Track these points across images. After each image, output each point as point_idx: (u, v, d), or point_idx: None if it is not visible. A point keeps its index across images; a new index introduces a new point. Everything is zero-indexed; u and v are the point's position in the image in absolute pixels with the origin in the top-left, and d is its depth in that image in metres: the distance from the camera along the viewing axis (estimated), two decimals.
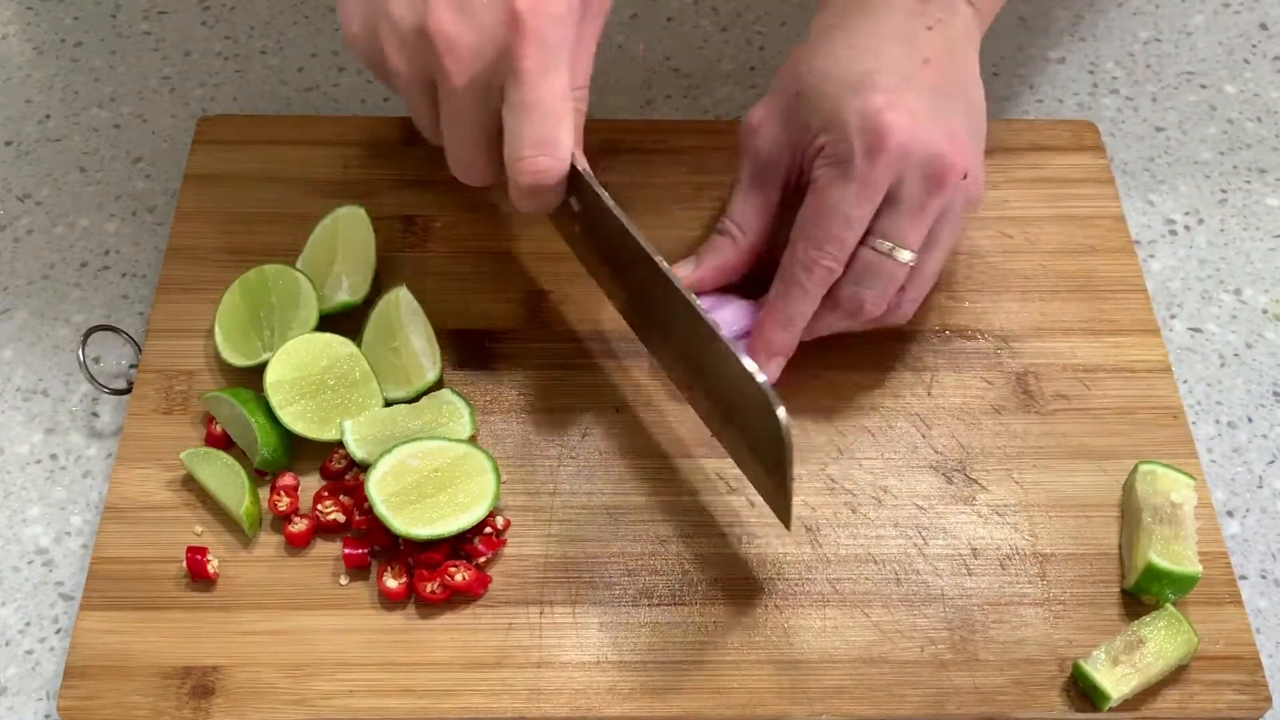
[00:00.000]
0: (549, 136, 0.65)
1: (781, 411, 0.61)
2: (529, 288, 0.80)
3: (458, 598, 0.69)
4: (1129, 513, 0.72)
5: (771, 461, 0.65)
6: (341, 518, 0.71)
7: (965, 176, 0.70)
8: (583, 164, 0.67)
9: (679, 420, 0.75)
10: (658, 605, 0.69)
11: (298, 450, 0.73)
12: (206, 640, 0.67)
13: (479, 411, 0.75)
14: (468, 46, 0.64)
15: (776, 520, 0.71)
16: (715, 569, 0.70)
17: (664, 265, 0.66)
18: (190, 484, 0.72)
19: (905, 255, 0.69)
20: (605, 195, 0.67)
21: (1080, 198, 0.85)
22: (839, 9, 0.74)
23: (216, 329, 0.76)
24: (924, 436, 0.75)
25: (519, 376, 0.77)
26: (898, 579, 0.70)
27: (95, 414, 0.78)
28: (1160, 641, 0.67)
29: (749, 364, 0.62)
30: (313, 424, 0.72)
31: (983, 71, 0.74)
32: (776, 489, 0.67)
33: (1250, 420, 0.80)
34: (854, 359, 0.77)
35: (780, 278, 0.71)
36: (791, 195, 0.73)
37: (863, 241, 0.70)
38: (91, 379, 0.76)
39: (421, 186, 0.84)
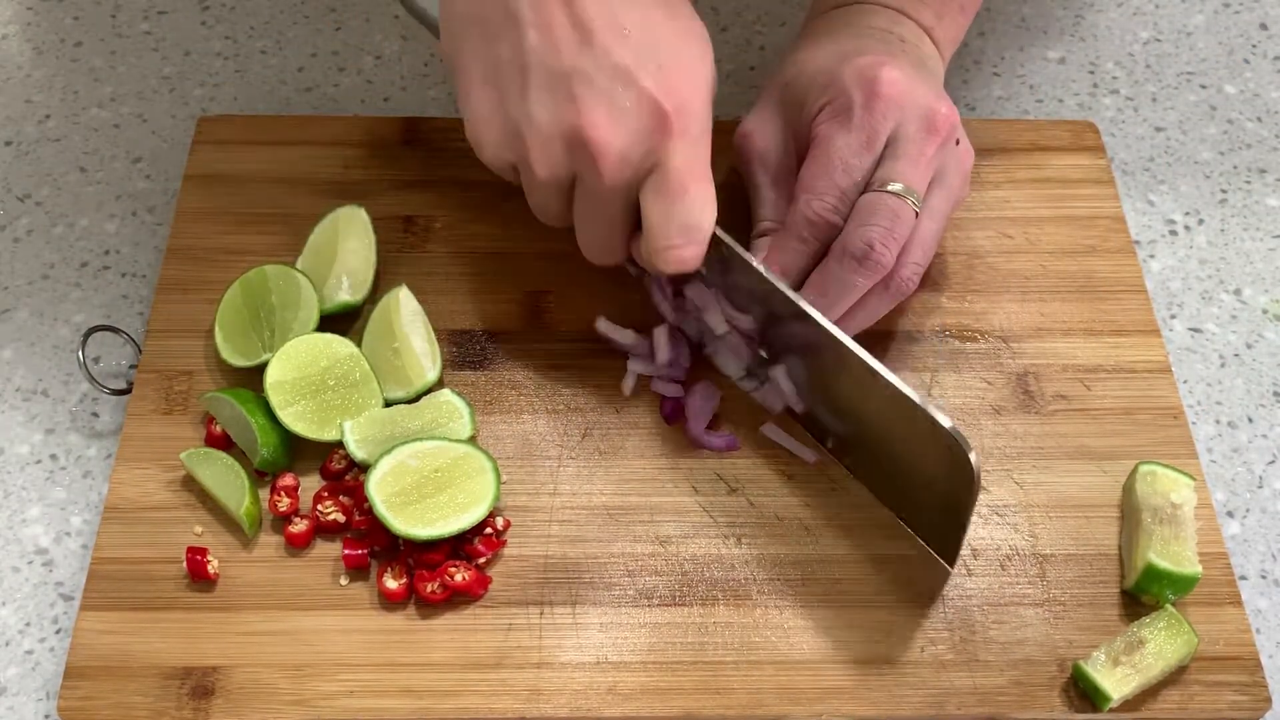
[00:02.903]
0: (694, 224, 0.68)
1: (974, 456, 0.63)
2: (529, 288, 0.80)
3: (458, 598, 0.69)
4: (1129, 513, 0.72)
5: (948, 503, 0.67)
6: (341, 518, 0.71)
7: (958, 142, 0.73)
8: (718, 231, 0.70)
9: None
10: (658, 605, 0.69)
11: (298, 450, 0.73)
12: (206, 640, 0.67)
13: (479, 411, 0.75)
14: (619, 150, 0.66)
15: (775, 520, 0.72)
16: (715, 569, 0.70)
17: (818, 315, 0.68)
18: (190, 484, 0.72)
19: (911, 196, 0.70)
20: (746, 253, 0.70)
21: (1080, 198, 0.85)
22: (816, 31, 0.78)
23: (216, 329, 0.76)
24: None
25: (519, 376, 0.77)
26: (898, 579, 0.70)
27: (95, 414, 0.78)
28: (1160, 642, 0.67)
29: (934, 410, 0.64)
30: (313, 424, 0.72)
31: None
32: (947, 526, 0.68)
33: (1250, 420, 0.80)
34: None
35: (782, 233, 0.72)
36: None
37: (865, 190, 0.71)
38: (91, 379, 0.76)
39: (421, 186, 0.84)
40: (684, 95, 0.66)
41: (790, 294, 0.68)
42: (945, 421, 0.64)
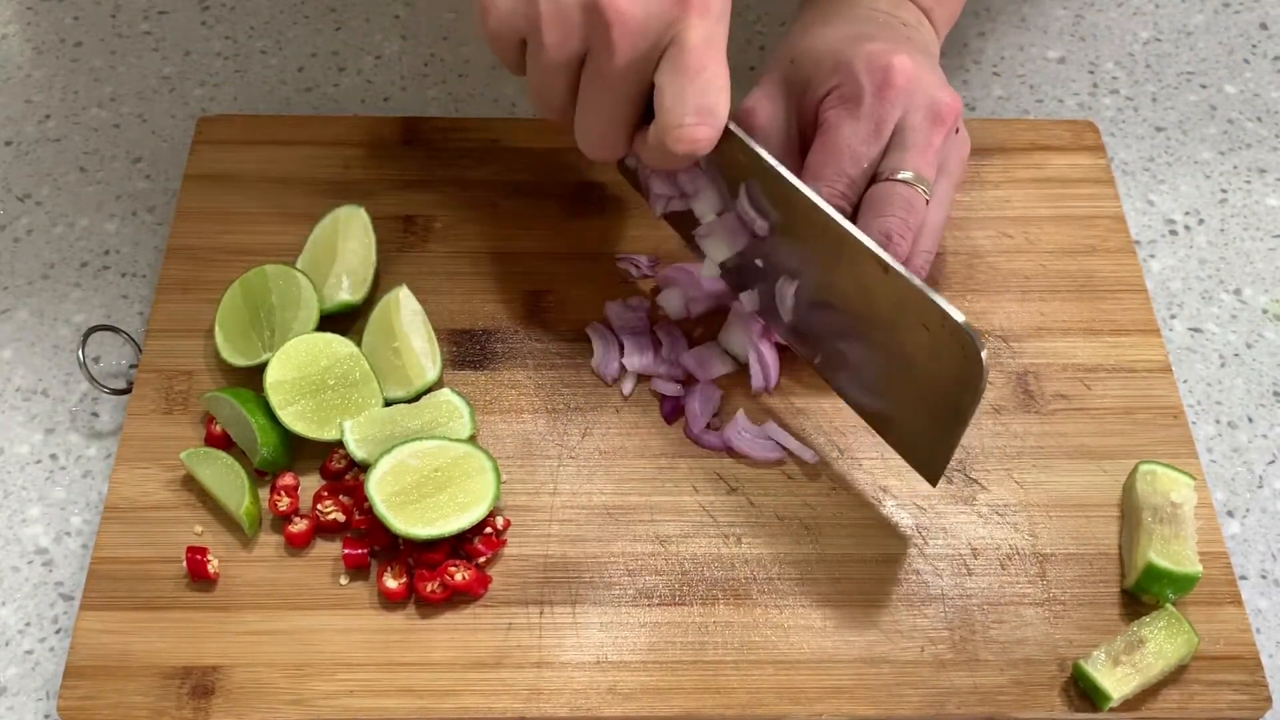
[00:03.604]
0: (710, 104, 0.66)
1: (985, 353, 0.62)
2: (529, 288, 0.80)
3: (458, 598, 0.69)
4: (1129, 513, 0.72)
5: (945, 409, 0.66)
6: (341, 518, 0.71)
7: (957, 131, 0.72)
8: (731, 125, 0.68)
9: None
10: (658, 605, 0.69)
11: (298, 450, 0.73)
12: (206, 640, 0.67)
13: (479, 411, 0.75)
14: (637, 20, 0.64)
15: (775, 520, 0.72)
16: (715, 569, 0.70)
17: (831, 210, 0.67)
18: (190, 484, 0.72)
19: (922, 184, 0.70)
20: (761, 150, 0.68)
21: (1080, 198, 0.85)
22: (820, 10, 0.77)
23: (217, 329, 0.76)
24: None
25: (519, 376, 0.77)
26: (898, 579, 0.70)
27: (95, 414, 0.78)
28: (1160, 641, 0.67)
29: (944, 303, 0.63)
30: (313, 424, 0.72)
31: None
32: (939, 438, 0.67)
33: (1250, 420, 0.80)
34: None
35: None
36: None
37: (875, 179, 0.70)
38: (91, 379, 0.76)
39: (421, 186, 0.84)
40: None
41: (801, 186, 0.67)
42: (958, 316, 0.63)
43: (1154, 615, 0.68)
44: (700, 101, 0.65)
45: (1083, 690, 0.67)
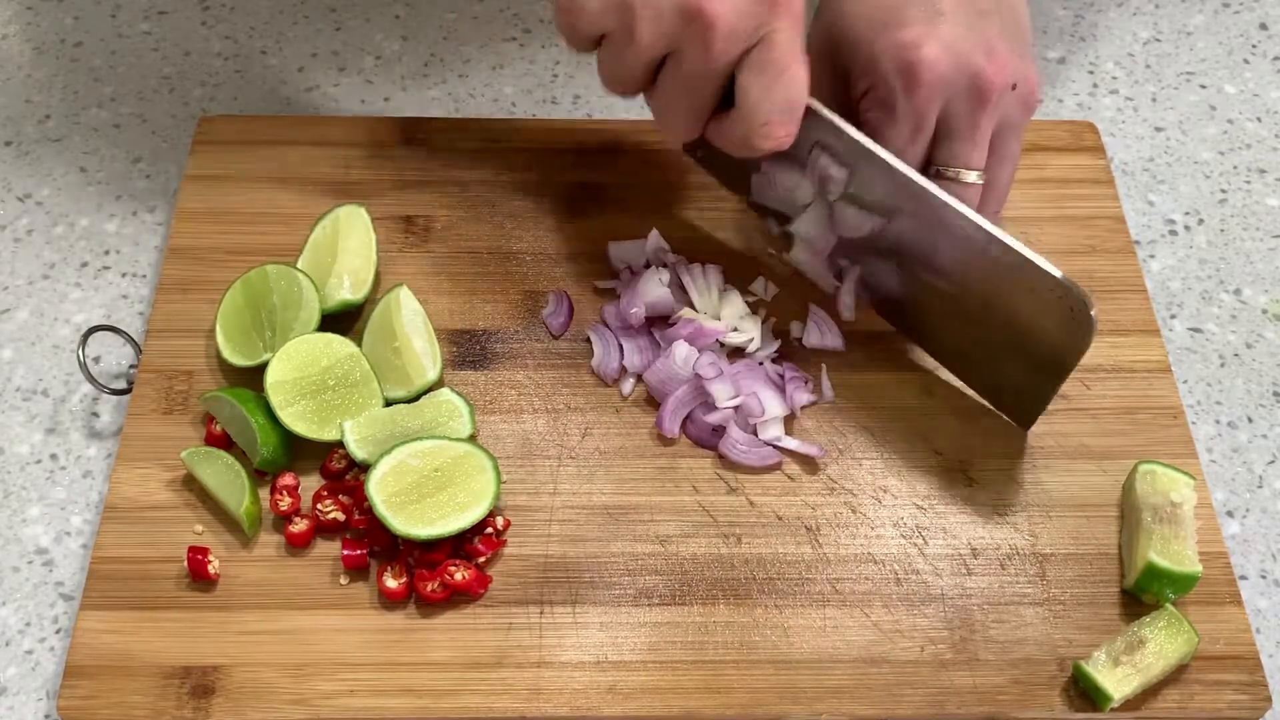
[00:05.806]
0: (794, 102, 0.68)
1: (1094, 310, 0.66)
2: (529, 288, 0.80)
3: (458, 597, 0.69)
4: (1129, 512, 0.72)
5: (1049, 360, 0.69)
6: (341, 518, 0.71)
7: (1014, 87, 0.71)
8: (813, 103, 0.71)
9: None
10: (658, 605, 0.69)
11: (298, 450, 0.73)
12: (206, 640, 0.67)
13: (479, 411, 0.75)
14: (731, 23, 0.66)
15: (775, 520, 0.72)
16: (715, 569, 0.70)
17: (931, 186, 0.69)
18: (190, 484, 0.72)
19: (970, 176, 0.71)
20: (847, 126, 0.71)
21: (1080, 198, 0.85)
22: None
23: (217, 329, 0.76)
24: (924, 436, 0.75)
25: (519, 376, 0.77)
26: (898, 579, 0.70)
27: (95, 414, 0.78)
28: (1160, 641, 0.67)
29: (1045, 264, 0.67)
30: (313, 424, 0.72)
31: None
32: (1037, 388, 0.71)
33: (1250, 420, 0.80)
34: (854, 359, 0.77)
35: None
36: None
37: (928, 168, 0.71)
38: (91, 379, 0.76)
39: (421, 186, 0.84)
40: None
41: (897, 164, 0.70)
42: (1055, 271, 0.66)
43: (1154, 615, 0.68)
44: (784, 100, 0.68)
45: (1083, 690, 0.67)
